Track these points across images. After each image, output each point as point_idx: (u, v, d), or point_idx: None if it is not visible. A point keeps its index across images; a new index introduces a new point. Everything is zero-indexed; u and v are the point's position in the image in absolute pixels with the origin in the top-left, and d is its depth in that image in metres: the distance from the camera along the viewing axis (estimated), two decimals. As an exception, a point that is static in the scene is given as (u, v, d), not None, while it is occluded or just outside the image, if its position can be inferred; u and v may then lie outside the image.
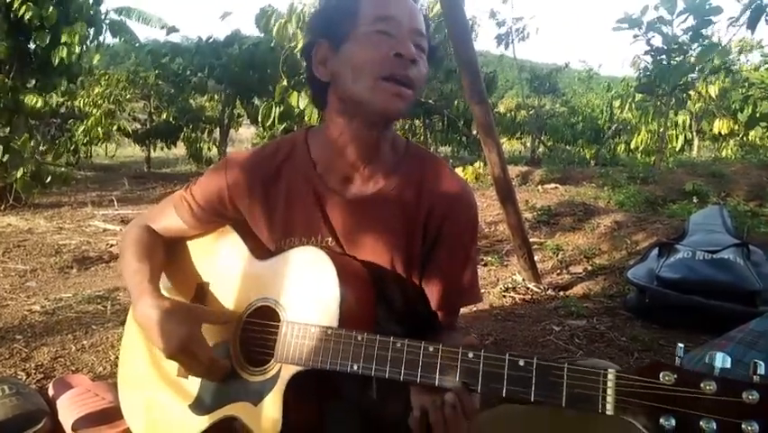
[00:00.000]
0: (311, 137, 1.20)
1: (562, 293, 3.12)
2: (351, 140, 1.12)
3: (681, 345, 0.77)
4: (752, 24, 3.18)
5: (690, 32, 6.50)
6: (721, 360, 0.73)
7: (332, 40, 1.09)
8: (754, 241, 3.15)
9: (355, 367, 0.95)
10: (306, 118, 6.71)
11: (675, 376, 0.74)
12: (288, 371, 1.03)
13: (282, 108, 6.61)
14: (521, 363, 0.84)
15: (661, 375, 0.75)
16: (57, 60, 6.21)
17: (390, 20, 1.05)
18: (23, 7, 5.76)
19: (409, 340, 0.93)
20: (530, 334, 2.52)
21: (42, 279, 3.42)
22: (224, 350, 1.13)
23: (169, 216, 1.27)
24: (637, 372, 0.77)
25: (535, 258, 3.34)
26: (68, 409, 1.64)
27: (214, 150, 11.30)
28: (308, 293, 1.05)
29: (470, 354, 0.88)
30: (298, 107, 6.56)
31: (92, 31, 6.71)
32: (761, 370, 0.71)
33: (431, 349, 0.91)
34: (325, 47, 1.10)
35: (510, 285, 3.17)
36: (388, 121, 1.12)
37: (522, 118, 10.98)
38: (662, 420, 0.73)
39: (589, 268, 3.50)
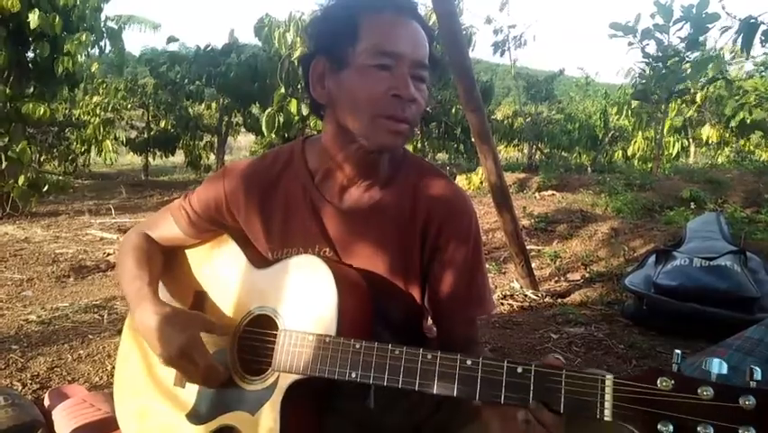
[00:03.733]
0: (308, 147, 1.20)
1: (559, 300, 3.13)
2: (346, 160, 1.11)
3: (678, 351, 0.77)
4: (746, 43, 3.18)
5: (687, 40, 6.54)
6: (717, 366, 0.74)
7: (330, 58, 1.06)
8: (750, 247, 3.15)
9: (353, 375, 0.95)
10: (310, 124, 6.72)
11: (673, 382, 0.74)
12: (286, 379, 1.02)
13: (283, 117, 6.64)
14: (519, 369, 0.84)
15: (658, 381, 0.75)
16: (61, 70, 6.23)
17: (391, 55, 1.01)
18: (32, 16, 5.77)
19: (407, 347, 0.92)
20: (528, 341, 2.52)
21: (39, 288, 3.41)
22: (222, 358, 1.13)
23: (166, 225, 1.28)
24: (635, 378, 0.77)
25: (533, 265, 3.34)
26: (64, 420, 1.63)
27: (213, 158, 11.32)
28: (306, 302, 1.05)
29: (469, 362, 0.87)
30: (299, 115, 6.59)
31: (92, 39, 6.74)
32: (757, 376, 0.71)
33: (429, 356, 0.90)
34: (323, 64, 1.07)
35: (508, 292, 3.17)
36: (385, 151, 1.11)
37: (519, 125, 11.00)
38: (659, 426, 0.74)
39: (587, 275, 3.51)
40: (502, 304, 3.03)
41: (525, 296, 3.13)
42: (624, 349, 2.41)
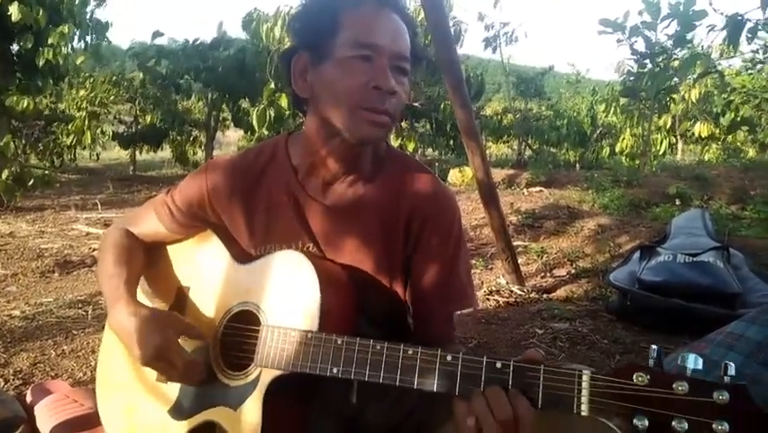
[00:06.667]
0: (291, 143, 1.20)
1: (545, 296, 3.14)
2: (329, 154, 1.11)
3: (654, 346, 0.79)
4: (732, 39, 3.20)
5: (674, 37, 6.57)
6: (693, 361, 0.75)
7: (311, 52, 1.07)
8: (734, 244, 3.19)
9: (335, 370, 0.95)
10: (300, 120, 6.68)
11: (648, 377, 0.75)
12: (268, 375, 1.02)
13: (274, 111, 6.62)
14: (498, 365, 0.85)
15: (634, 376, 0.76)
16: (42, 62, 6.17)
17: (371, 46, 1.02)
18: (12, 8, 5.71)
19: (389, 343, 0.93)
20: (513, 337, 2.53)
21: (23, 283, 3.38)
22: (204, 355, 1.12)
23: (149, 221, 1.27)
24: (612, 373, 0.78)
25: (520, 261, 3.36)
26: (47, 416, 1.62)
27: (201, 153, 11.25)
28: (289, 297, 1.05)
29: (449, 357, 0.88)
30: (290, 110, 6.57)
31: (78, 32, 6.68)
32: (731, 371, 0.72)
33: (410, 352, 0.91)
34: (305, 59, 1.08)
35: (494, 288, 3.18)
36: (366, 144, 1.11)
37: (509, 122, 11.03)
38: (635, 421, 0.75)
39: (573, 271, 3.53)
40: (488, 300, 3.04)
41: (511, 291, 3.14)
42: (608, 344, 2.43)
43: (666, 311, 2.57)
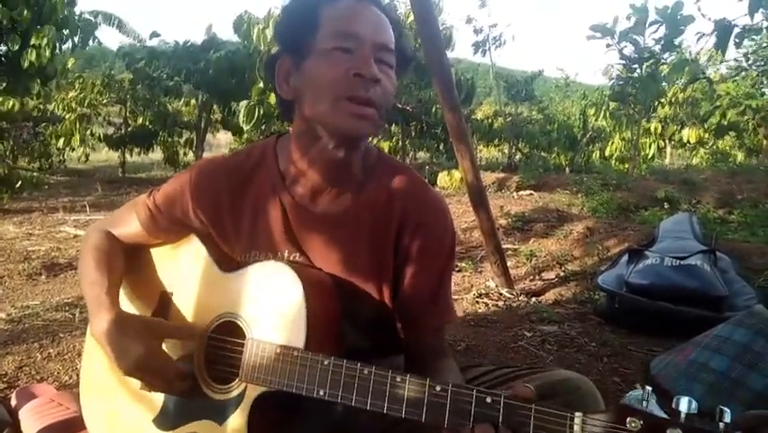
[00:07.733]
0: (280, 147, 1.16)
1: (534, 299, 3.15)
2: (316, 161, 1.08)
3: (648, 388, 0.77)
4: (721, 44, 3.21)
5: (662, 42, 6.63)
6: (686, 405, 0.73)
7: (293, 55, 1.04)
8: (721, 247, 3.21)
9: (321, 392, 0.93)
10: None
11: (642, 423, 0.73)
12: (254, 391, 1.00)
13: (263, 109, 6.59)
14: (488, 400, 0.83)
15: (627, 421, 0.74)
16: (26, 63, 6.12)
17: (351, 36, 0.99)
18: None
19: (377, 368, 0.91)
20: (502, 339, 2.54)
21: (10, 286, 3.35)
22: (187, 365, 1.10)
23: (129, 223, 1.22)
24: (604, 416, 0.76)
25: (509, 264, 3.37)
26: (31, 420, 1.60)
27: (191, 154, 11.21)
28: (274, 310, 1.02)
29: (438, 388, 0.86)
30: (278, 109, 6.57)
31: (65, 33, 6.63)
32: (726, 418, 0.70)
33: (398, 379, 0.89)
34: (288, 63, 1.06)
35: (483, 291, 3.18)
36: (353, 142, 1.06)
37: (499, 125, 11.08)
38: None
39: (562, 274, 3.54)
40: (477, 302, 3.05)
41: (501, 294, 3.15)
42: (596, 347, 2.44)
43: (654, 314, 2.59)
